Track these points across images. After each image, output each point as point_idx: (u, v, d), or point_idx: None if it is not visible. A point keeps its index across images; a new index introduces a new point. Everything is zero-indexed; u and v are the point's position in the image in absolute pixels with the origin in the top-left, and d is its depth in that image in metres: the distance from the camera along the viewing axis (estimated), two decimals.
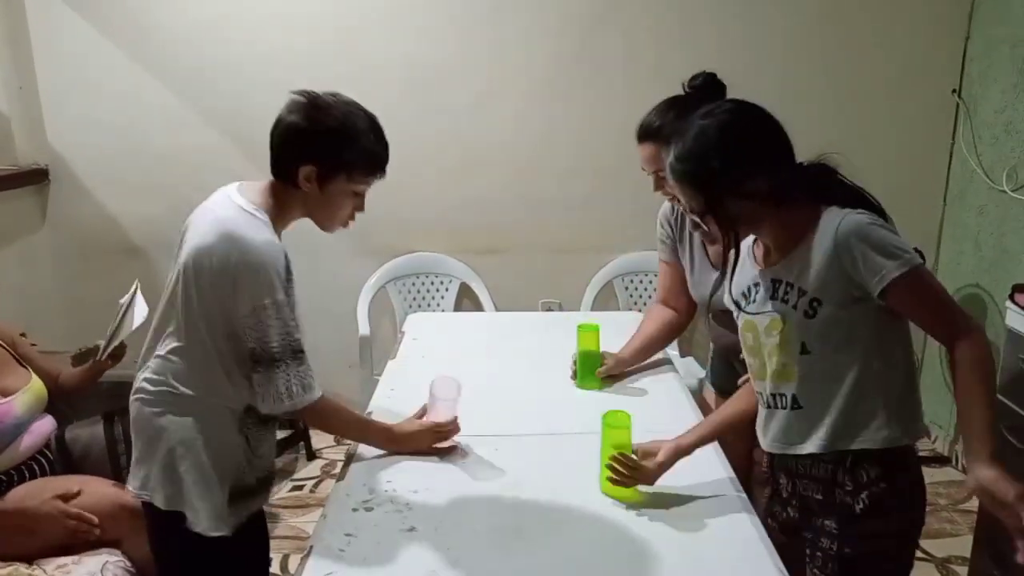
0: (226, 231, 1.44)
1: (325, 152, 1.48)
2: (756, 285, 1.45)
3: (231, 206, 1.49)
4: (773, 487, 1.55)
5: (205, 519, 1.48)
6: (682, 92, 1.82)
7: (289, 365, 1.47)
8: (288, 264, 1.48)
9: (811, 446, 1.40)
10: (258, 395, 1.48)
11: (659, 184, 1.86)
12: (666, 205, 2.04)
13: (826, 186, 1.38)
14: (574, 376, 2.03)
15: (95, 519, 1.87)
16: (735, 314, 1.50)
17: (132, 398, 1.56)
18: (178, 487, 1.50)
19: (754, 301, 1.45)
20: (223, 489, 1.51)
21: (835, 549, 1.40)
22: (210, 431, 1.50)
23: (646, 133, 1.84)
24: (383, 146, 1.55)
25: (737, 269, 1.50)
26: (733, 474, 1.59)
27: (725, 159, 1.32)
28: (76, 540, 1.86)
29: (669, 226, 2.04)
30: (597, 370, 2.00)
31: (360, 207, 1.61)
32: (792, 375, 1.40)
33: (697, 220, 1.41)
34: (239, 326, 1.45)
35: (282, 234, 1.54)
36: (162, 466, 1.51)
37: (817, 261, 1.33)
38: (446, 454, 1.67)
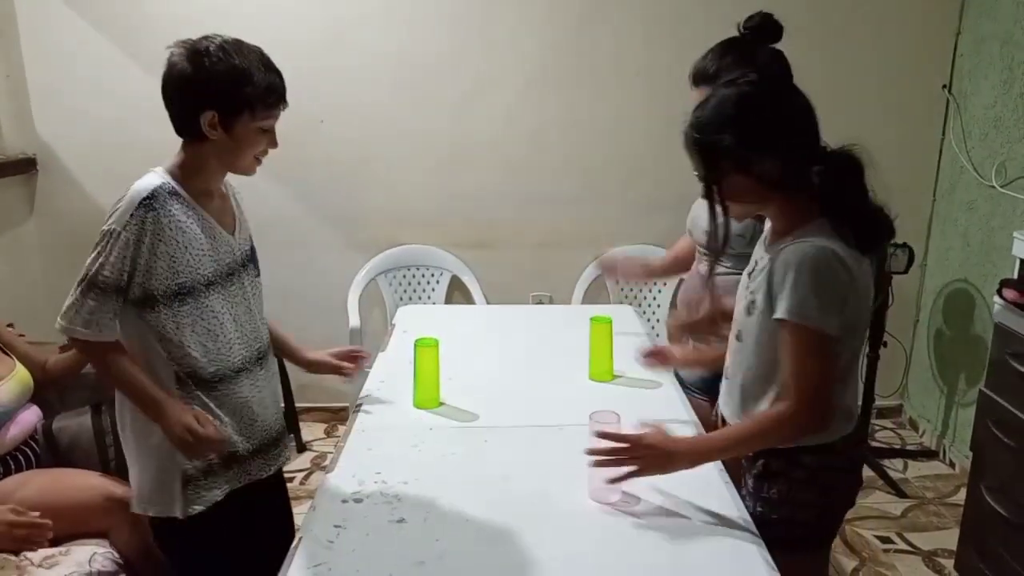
0: None
1: (221, 94, 1.45)
2: (753, 259, 1.48)
3: None
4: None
5: (156, 500, 1.55)
6: (737, 34, 1.78)
7: (86, 293, 1.45)
8: (152, 202, 1.45)
9: (725, 411, 1.52)
10: None
11: None
12: None
13: (839, 187, 1.33)
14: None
15: (48, 524, 1.81)
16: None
17: None
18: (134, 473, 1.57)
19: (748, 273, 1.47)
20: (172, 466, 1.53)
21: (751, 507, 1.45)
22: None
23: (702, 77, 1.79)
24: (276, 75, 1.51)
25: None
26: (723, 466, 1.60)
27: (737, 134, 1.30)
28: (26, 548, 1.81)
29: None
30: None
31: (273, 143, 1.56)
32: (733, 346, 1.48)
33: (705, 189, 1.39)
34: None
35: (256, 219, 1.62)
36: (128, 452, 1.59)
37: (763, 267, 1.36)
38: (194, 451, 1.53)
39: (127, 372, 1.51)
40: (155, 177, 1.50)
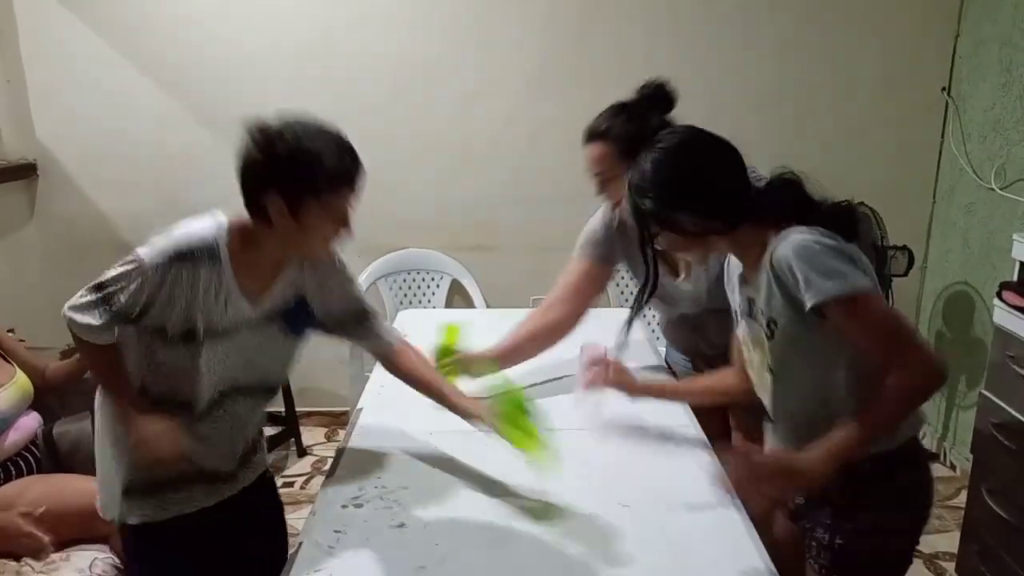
0: None
1: (286, 179, 1.36)
2: (741, 300, 1.48)
3: None
4: None
5: (109, 502, 1.54)
6: (634, 97, 1.82)
7: (98, 304, 1.40)
8: (188, 260, 1.37)
9: None
10: None
11: (602, 187, 1.86)
12: (623, 208, 1.99)
13: (788, 204, 1.35)
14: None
15: (45, 539, 1.84)
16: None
17: None
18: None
19: (744, 316, 1.47)
20: (118, 472, 1.51)
21: (828, 539, 1.41)
22: (111, 412, 1.53)
23: (594, 134, 1.82)
24: (350, 159, 1.44)
25: (729, 284, 1.54)
26: (722, 467, 1.59)
27: (659, 191, 1.35)
28: (29, 555, 1.85)
29: (617, 231, 1.98)
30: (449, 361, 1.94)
31: (346, 226, 1.49)
32: (766, 391, 1.45)
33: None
34: None
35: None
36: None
37: (765, 284, 1.35)
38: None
39: (108, 372, 1.50)
40: (211, 230, 1.42)
